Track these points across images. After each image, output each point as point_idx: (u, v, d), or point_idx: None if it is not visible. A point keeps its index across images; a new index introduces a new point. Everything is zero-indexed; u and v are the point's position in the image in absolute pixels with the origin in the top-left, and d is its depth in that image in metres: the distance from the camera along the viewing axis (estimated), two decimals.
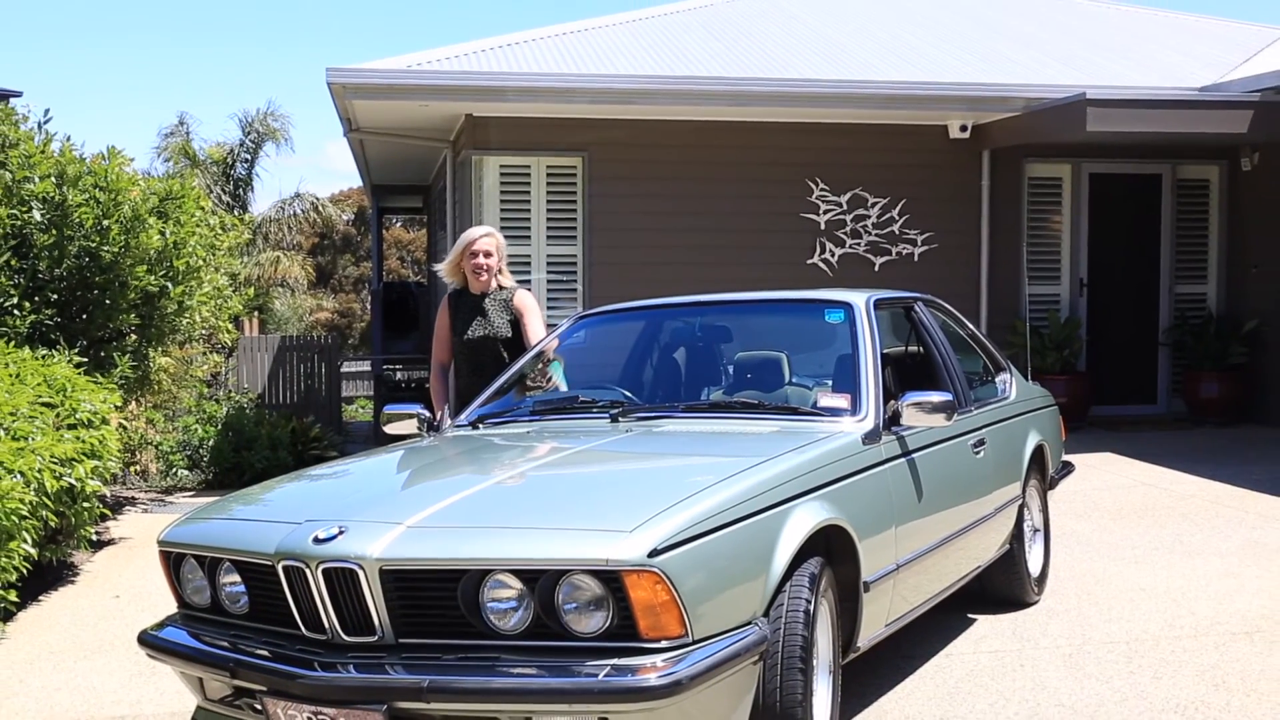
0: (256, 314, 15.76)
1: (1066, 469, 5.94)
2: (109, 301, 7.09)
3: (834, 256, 10.62)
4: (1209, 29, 14.08)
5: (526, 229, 10.25)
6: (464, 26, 78.41)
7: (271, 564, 3.07)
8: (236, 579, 3.27)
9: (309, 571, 2.98)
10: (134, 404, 8.14)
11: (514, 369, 4.94)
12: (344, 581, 2.95)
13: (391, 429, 4.58)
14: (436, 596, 2.93)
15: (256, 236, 23.63)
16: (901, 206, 10.71)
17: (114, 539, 7.25)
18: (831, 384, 4.31)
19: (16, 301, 6.67)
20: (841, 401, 4.05)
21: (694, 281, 8.93)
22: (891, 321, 4.89)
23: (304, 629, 3.07)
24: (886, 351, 4.47)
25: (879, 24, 12.98)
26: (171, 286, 7.37)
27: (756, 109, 10.10)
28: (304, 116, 63.74)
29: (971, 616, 5.09)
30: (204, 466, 9.71)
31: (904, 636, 4.50)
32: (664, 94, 9.85)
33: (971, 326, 5.53)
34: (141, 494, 9.12)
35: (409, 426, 4.53)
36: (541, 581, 2.85)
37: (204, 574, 3.35)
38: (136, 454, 9.39)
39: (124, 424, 6.85)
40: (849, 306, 4.40)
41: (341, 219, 32.07)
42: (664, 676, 2.75)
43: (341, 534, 3.00)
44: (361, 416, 16.64)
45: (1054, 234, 11.29)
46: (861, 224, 10.66)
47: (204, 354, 9.35)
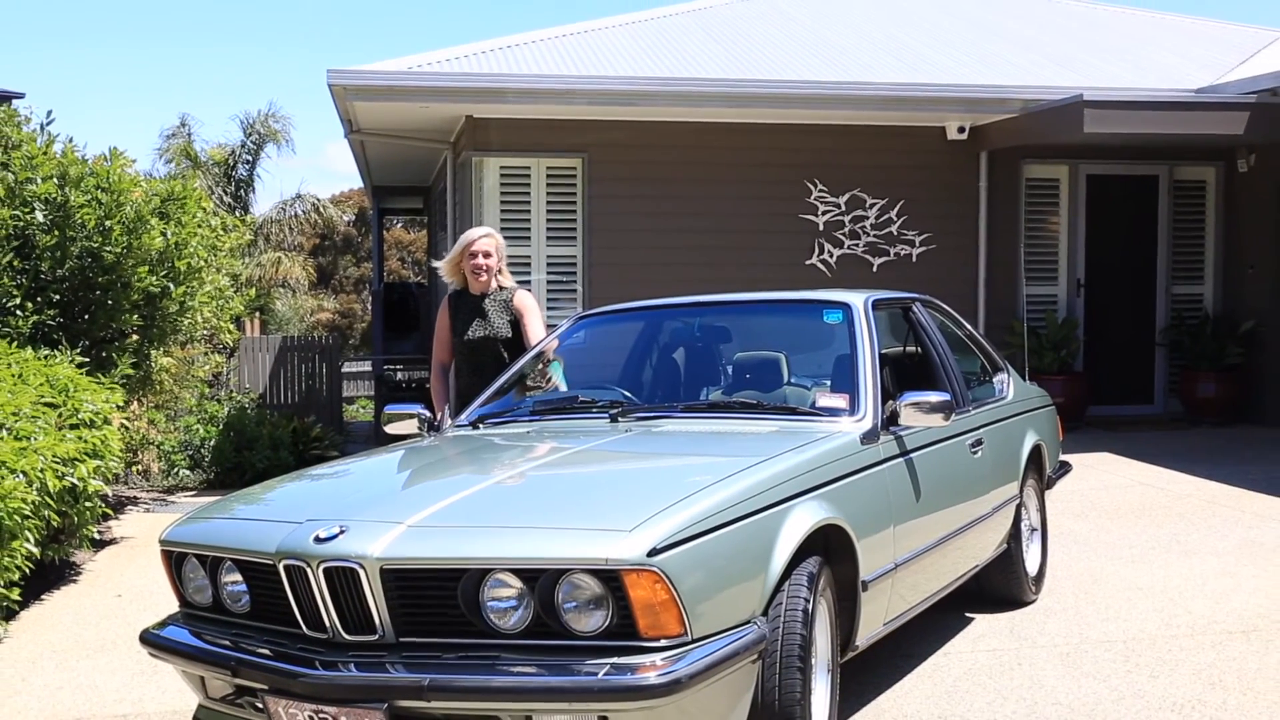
0: (258, 314, 15.76)
1: (1064, 469, 5.95)
2: (111, 302, 7.09)
3: (832, 257, 10.63)
4: (1205, 31, 14.08)
5: (526, 230, 10.27)
6: (464, 28, 78.52)
7: (273, 563, 3.08)
8: (238, 578, 3.27)
9: (310, 571, 2.99)
10: (136, 404, 8.15)
11: (514, 369, 4.95)
12: (345, 581, 2.96)
13: (392, 429, 4.59)
14: (437, 596, 2.94)
15: (258, 237, 23.64)
16: (900, 207, 10.72)
17: (116, 538, 7.26)
18: (830, 384, 4.31)
19: (19, 302, 6.68)
20: (840, 401, 4.05)
21: (693, 282, 8.94)
22: (890, 322, 4.89)
23: (305, 628, 3.07)
24: (885, 352, 4.47)
25: (877, 26, 12.97)
26: (173, 287, 7.38)
27: (755, 110, 10.11)
28: (305, 118, 63.81)
29: (969, 615, 5.10)
30: (205, 466, 9.72)
31: (902, 635, 4.51)
32: (663, 95, 9.86)
33: (969, 327, 5.54)
34: (143, 493, 9.12)
35: (409, 426, 4.54)
36: (541, 581, 2.86)
37: (205, 573, 3.36)
38: (138, 454, 9.41)
39: (126, 424, 6.86)
40: (847, 307, 4.41)
41: (342, 220, 32.05)
42: (663, 675, 2.76)
43: (342, 533, 3.00)
44: (362, 416, 16.65)
45: (1051, 235, 11.31)
46: (860, 225, 10.68)
47: (206, 354, 9.36)
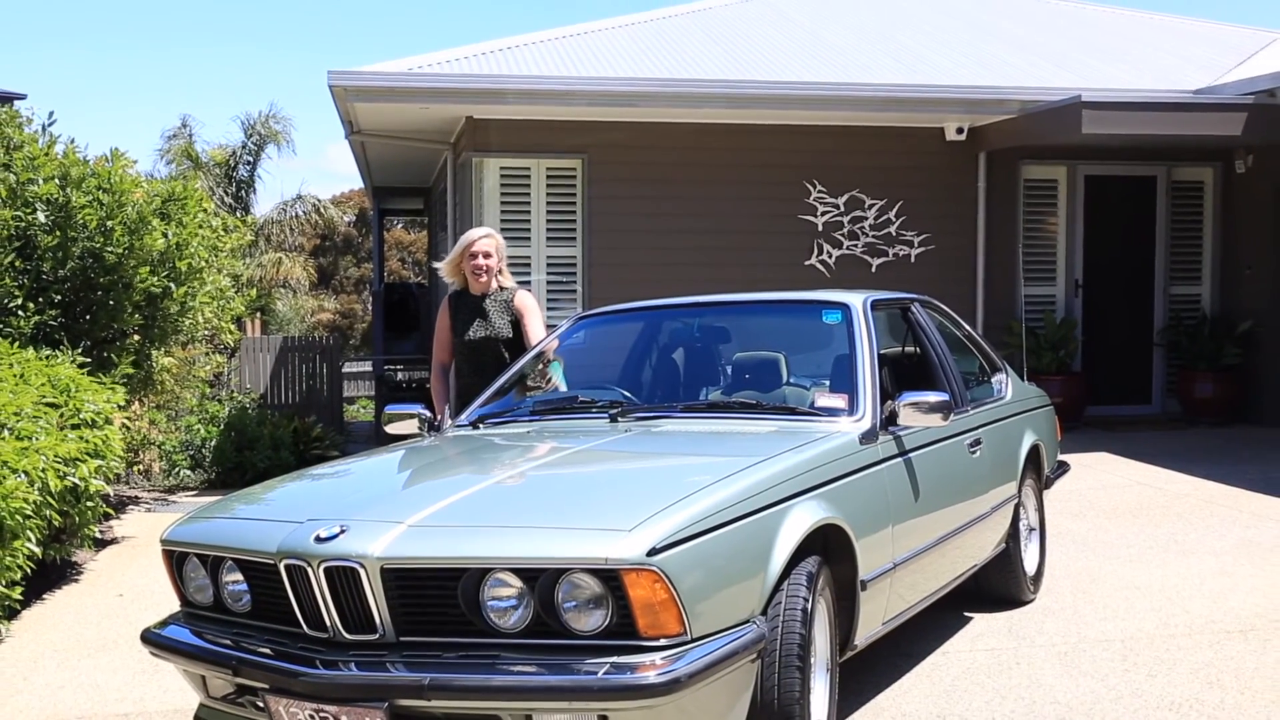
0: (259, 315, 15.77)
1: (1062, 468, 5.95)
2: (112, 302, 7.10)
3: (831, 258, 10.65)
4: (1203, 32, 14.09)
5: (526, 231, 10.28)
6: (465, 30, 78.44)
7: (273, 563, 3.08)
8: (239, 577, 3.28)
9: (311, 570, 2.99)
10: (137, 404, 8.16)
11: (514, 369, 4.96)
12: (345, 580, 2.96)
13: (392, 429, 4.60)
14: (437, 595, 2.94)
15: (259, 238, 23.63)
16: (898, 208, 10.73)
17: (117, 538, 7.26)
18: (829, 384, 4.32)
19: (21, 302, 6.68)
20: (839, 401, 4.06)
21: (692, 282, 8.94)
22: (888, 322, 4.90)
23: (306, 627, 3.08)
24: (883, 352, 4.47)
25: (875, 27, 12.99)
26: (174, 287, 7.38)
27: (754, 111, 10.12)
28: (306, 119, 63.75)
29: (968, 615, 5.11)
30: (207, 466, 9.73)
31: (901, 634, 4.51)
32: (662, 96, 9.87)
33: (968, 327, 5.55)
34: (145, 493, 9.13)
35: (410, 426, 4.55)
36: (541, 580, 2.87)
37: (206, 573, 3.36)
38: (140, 454, 9.41)
39: (127, 424, 6.87)
40: (846, 307, 4.42)
41: (343, 220, 32.05)
42: (663, 674, 2.76)
43: (343, 533, 3.01)
44: (363, 416, 16.67)
45: (1049, 235, 11.32)
46: (858, 225, 10.69)
47: (207, 354, 9.37)
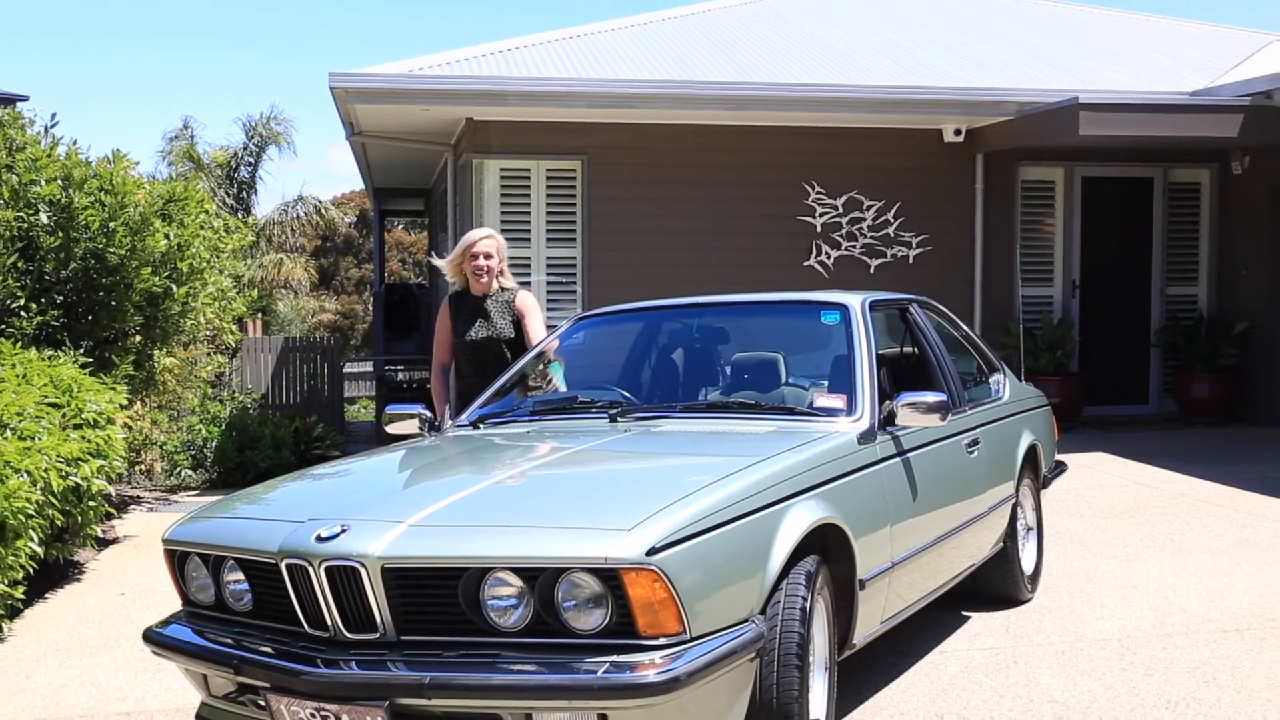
0: (260, 315, 15.79)
1: (1059, 468, 5.96)
2: (114, 303, 7.10)
3: (830, 259, 10.67)
4: (1199, 34, 14.11)
5: (526, 231, 10.30)
6: (465, 31, 78.36)
7: (275, 562, 3.09)
8: (240, 577, 3.28)
9: (312, 569, 3.00)
10: (139, 404, 8.17)
11: (514, 370, 4.98)
12: (346, 579, 2.97)
13: (393, 429, 4.61)
14: (437, 594, 2.95)
15: (260, 239, 23.64)
16: (896, 209, 10.75)
17: (119, 537, 7.27)
18: (827, 384, 4.33)
19: (23, 303, 6.69)
20: (837, 402, 4.07)
21: (692, 283, 8.96)
22: (887, 323, 4.91)
23: (307, 626, 3.09)
24: (882, 352, 4.48)
25: (874, 29, 13.00)
26: (176, 288, 7.39)
27: (753, 113, 10.14)
28: (307, 120, 63.76)
29: (966, 614, 5.12)
30: (208, 466, 9.75)
31: (899, 633, 4.53)
32: (662, 98, 9.89)
33: (965, 328, 5.56)
34: (146, 493, 9.15)
35: (410, 426, 4.55)
36: (541, 579, 2.87)
37: (208, 572, 3.37)
38: (141, 453, 9.42)
39: (129, 424, 6.88)
40: (845, 308, 4.43)
41: (344, 221, 32.06)
42: (662, 673, 2.77)
43: (344, 532, 3.02)
44: (364, 416, 16.68)
45: (1047, 236, 11.35)
46: (857, 226, 10.71)
47: (208, 355, 9.37)
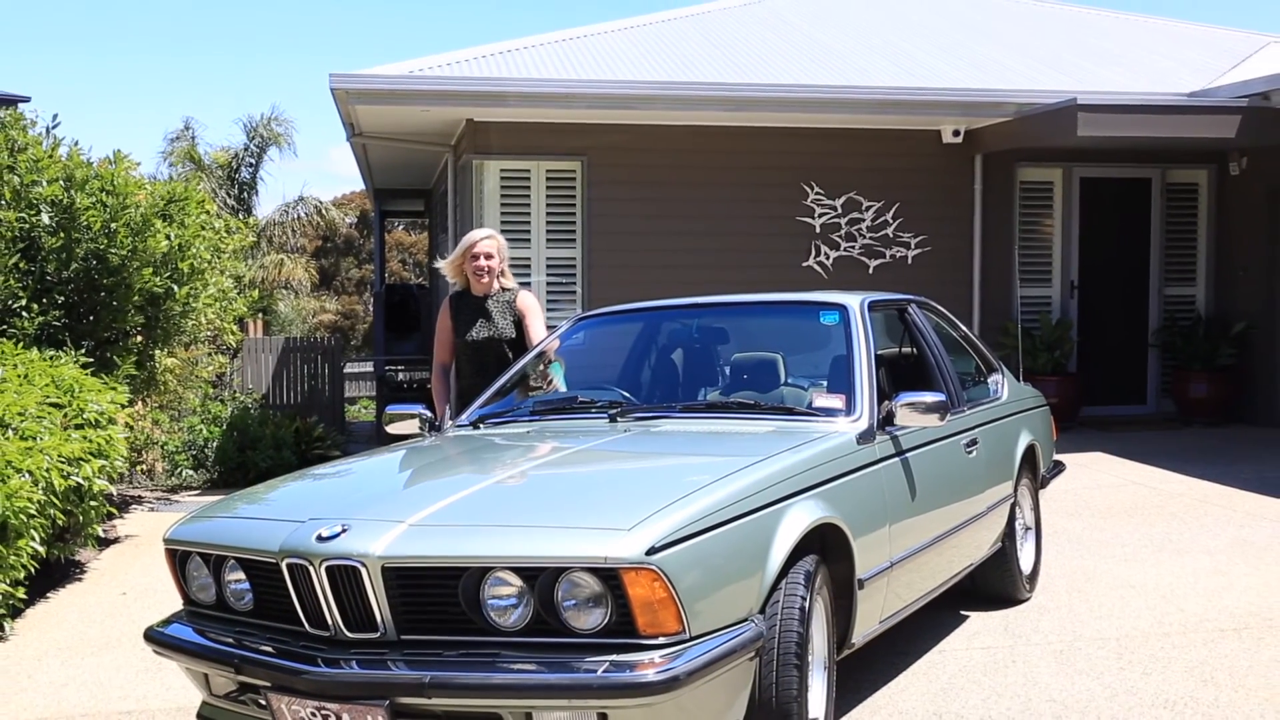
0: (261, 316, 15.80)
1: (1058, 468, 5.97)
2: (115, 303, 7.11)
3: (829, 259, 10.68)
4: (1197, 35, 14.13)
5: (526, 232, 10.31)
6: (465, 33, 78.27)
7: (275, 562, 3.10)
8: (241, 576, 3.29)
9: (312, 569, 3.01)
10: (140, 404, 8.18)
11: (514, 370, 4.99)
12: (347, 579, 2.98)
13: (393, 429, 4.61)
14: (438, 594, 2.96)
15: (261, 239, 23.65)
16: (895, 210, 10.77)
17: (120, 537, 7.28)
18: (826, 385, 4.33)
19: (25, 303, 6.70)
20: (836, 402, 4.08)
21: (691, 283, 8.98)
22: (885, 323, 4.91)
23: (307, 626, 3.09)
24: (880, 353, 4.48)
25: (873, 30, 13.02)
26: (177, 288, 7.40)
27: (753, 114, 10.15)
28: (307, 121, 63.79)
29: (964, 613, 5.13)
30: (209, 466, 9.77)
31: (898, 633, 4.53)
32: (662, 99, 9.91)
33: (964, 328, 5.57)
34: (148, 493, 9.17)
35: (411, 426, 4.56)
36: (541, 579, 2.88)
37: (209, 571, 3.38)
38: (143, 453, 9.44)
39: (130, 424, 6.89)
40: (843, 308, 4.44)
41: (344, 222, 32.07)
42: (662, 672, 2.77)
43: (344, 532, 3.02)
44: (364, 417, 16.71)
45: (1045, 237, 11.36)
46: (856, 227, 10.72)
47: (209, 355, 9.38)
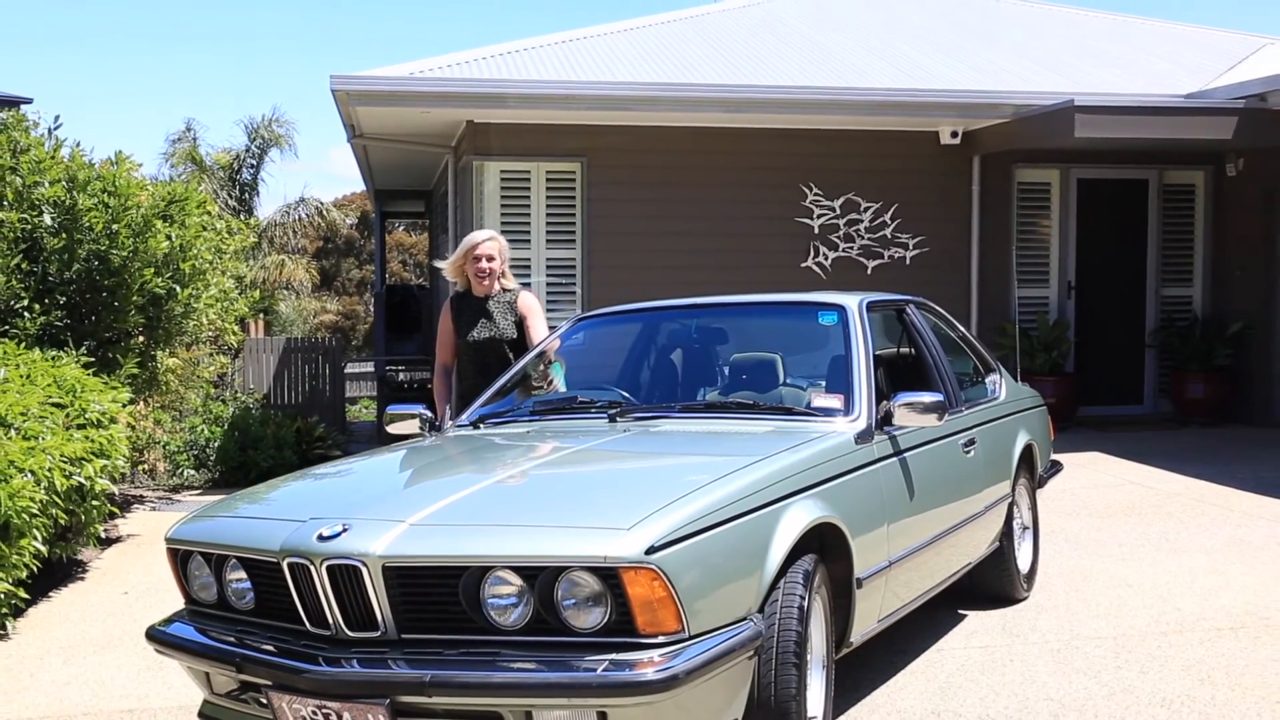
0: (262, 316, 15.81)
1: (1055, 468, 5.99)
2: (117, 304, 7.12)
3: (827, 260, 10.70)
4: (1194, 37, 14.15)
5: (526, 233, 10.33)
6: (465, 34, 78.28)
7: (277, 561, 3.11)
8: (242, 575, 3.30)
9: (313, 568, 3.02)
10: (142, 404, 8.20)
11: (513, 370, 5.01)
12: (348, 578, 2.99)
13: (394, 429, 4.63)
14: (438, 593, 2.97)
15: (262, 240, 23.66)
16: (893, 211, 10.79)
17: (122, 536, 7.30)
18: (825, 385, 4.34)
19: (27, 303, 6.72)
20: (835, 402, 4.09)
21: (690, 284, 9.01)
22: (884, 323, 4.93)
23: (308, 625, 3.10)
24: (879, 353, 4.50)
25: (872, 32, 13.03)
26: (178, 289, 7.41)
27: (752, 115, 10.16)
28: (308, 122, 63.75)
29: (962, 612, 5.15)
30: (210, 465, 9.79)
31: (896, 632, 4.55)
32: (661, 101, 9.92)
33: (962, 328, 5.58)
34: (149, 492, 9.19)
35: (411, 426, 4.57)
36: (541, 578, 2.89)
37: (210, 571, 3.39)
38: (144, 453, 9.45)
39: (132, 424, 6.90)
40: (842, 309, 4.45)
41: (345, 223, 32.09)
42: (661, 671, 2.78)
43: (345, 532, 3.03)
44: (365, 417, 16.74)
45: (1043, 238, 11.38)
46: (854, 228, 10.74)
47: (211, 355, 9.40)
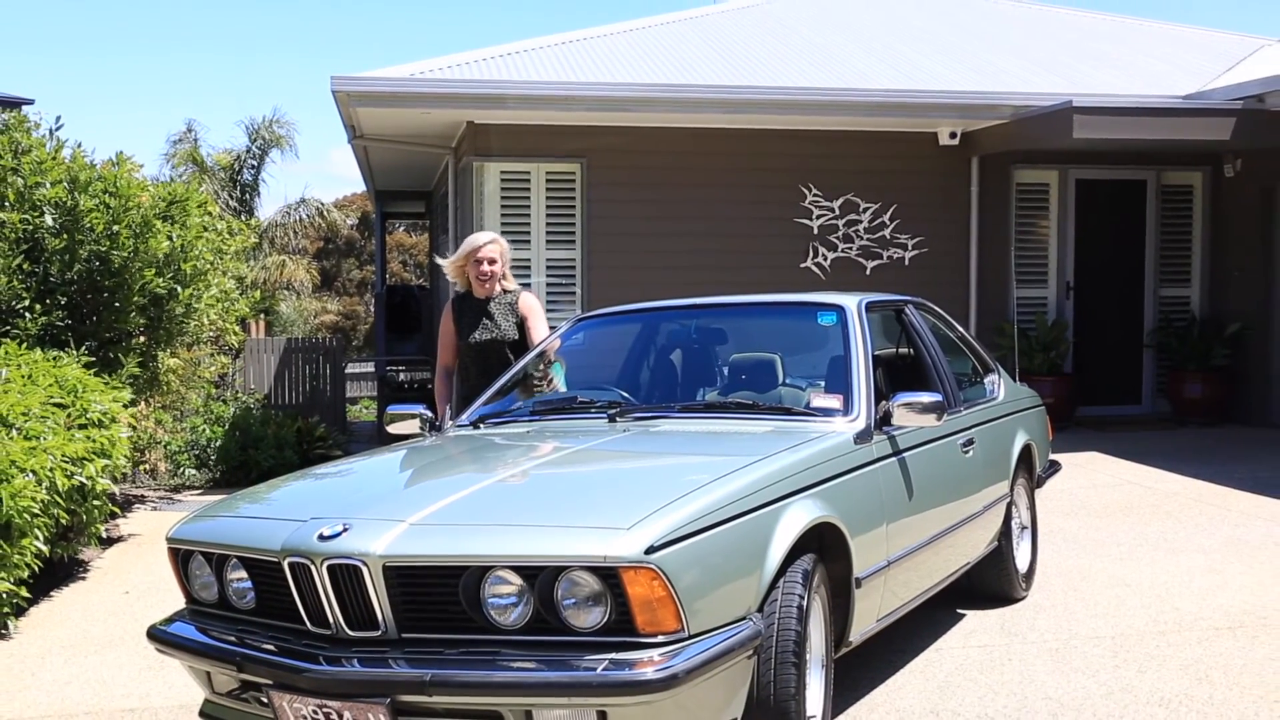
0: (263, 316, 15.82)
1: (1053, 468, 6.00)
2: (118, 304, 7.13)
3: (826, 260, 10.71)
4: (1192, 38, 14.16)
5: (526, 233, 10.34)
6: (466, 36, 78.29)
7: (277, 560, 3.12)
8: (243, 575, 3.31)
9: (314, 568, 3.03)
10: (143, 404, 8.20)
11: (513, 370, 5.02)
12: (348, 578, 3.00)
13: (395, 429, 4.64)
14: (438, 592, 2.98)
15: (263, 241, 23.69)
16: (892, 211, 10.81)
17: (123, 536, 7.31)
18: (824, 385, 4.35)
19: (28, 304, 6.72)
20: (834, 402, 4.10)
21: (690, 284, 9.03)
22: (883, 324, 4.94)
23: (309, 624, 3.11)
24: (878, 353, 4.51)
25: (871, 34, 13.05)
26: (180, 289, 7.41)
27: (751, 116, 10.18)
28: (309, 123, 63.74)
29: (961, 612, 5.16)
30: (212, 465, 9.81)
31: (895, 631, 4.55)
32: (661, 102, 9.94)
33: (961, 329, 5.58)
34: (150, 492, 9.20)
35: (411, 426, 4.58)
36: (541, 577, 2.90)
37: (211, 570, 3.40)
38: (146, 453, 9.45)
39: (133, 424, 6.91)
40: (841, 309, 4.46)
41: (345, 224, 32.13)
42: (661, 670, 2.79)
43: (346, 531, 3.04)
44: (365, 416, 16.77)
45: (1041, 238, 11.40)
46: (853, 229, 10.76)
47: (212, 355, 9.40)
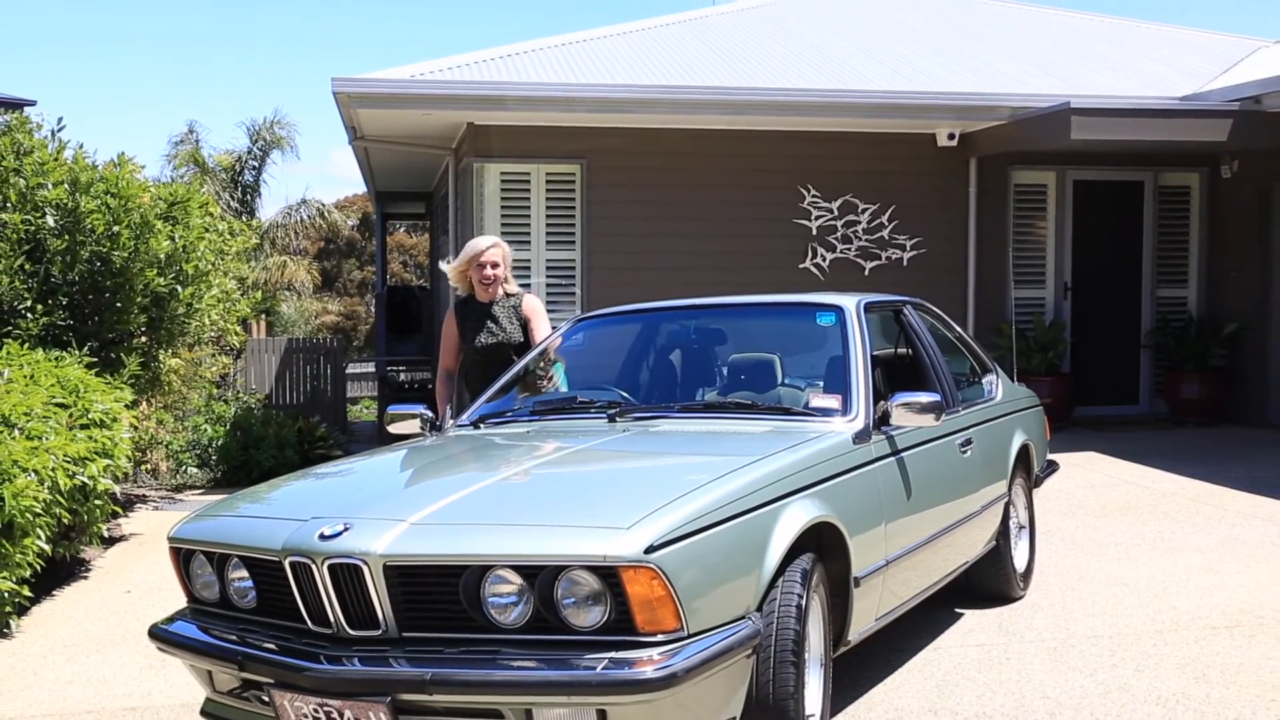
0: (264, 317, 15.86)
1: (1051, 468, 6.01)
2: (119, 304, 7.14)
3: (825, 261, 10.73)
4: (1190, 40, 14.18)
5: (526, 234, 10.36)
6: (466, 37, 78.30)
7: (278, 560, 3.13)
8: (244, 574, 3.32)
9: (315, 567, 3.04)
10: (145, 404, 8.22)
11: (513, 370, 5.03)
12: (349, 577, 3.01)
13: (395, 429, 4.65)
14: (439, 591, 2.99)
15: (264, 241, 23.68)
16: (891, 212, 10.82)
17: (125, 535, 7.33)
18: (823, 385, 4.36)
19: (30, 304, 6.73)
20: (833, 402, 4.11)
21: (689, 285, 9.05)
22: (881, 324, 4.95)
23: (310, 623, 3.12)
24: (876, 353, 4.52)
25: (870, 35, 13.07)
26: (181, 289, 7.42)
27: (751, 117, 10.20)
28: (310, 125, 63.73)
29: (959, 611, 5.17)
30: (213, 465, 9.82)
31: (893, 630, 4.57)
32: (660, 103, 9.95)
33: (959, 329, 5.60)
34: (152, 491, 9.21)
35: (412, 426, 4.59)
36: (541, 577, 2.91)
37: (213, 569, 3.41)
38: (147, 453, 9.46)
39: (135, 424, 6.93)
40: (840, 309, 4.47)
41: (346, 224, 32.13)
42: (660, 669, 2.80)
43: (346, 531, 3.05)
44: (366, 416, 16.78)
45: (1039, 239, 11.41)
46: (852, 229, 10.78)
47: (213, 355, 9.42)
